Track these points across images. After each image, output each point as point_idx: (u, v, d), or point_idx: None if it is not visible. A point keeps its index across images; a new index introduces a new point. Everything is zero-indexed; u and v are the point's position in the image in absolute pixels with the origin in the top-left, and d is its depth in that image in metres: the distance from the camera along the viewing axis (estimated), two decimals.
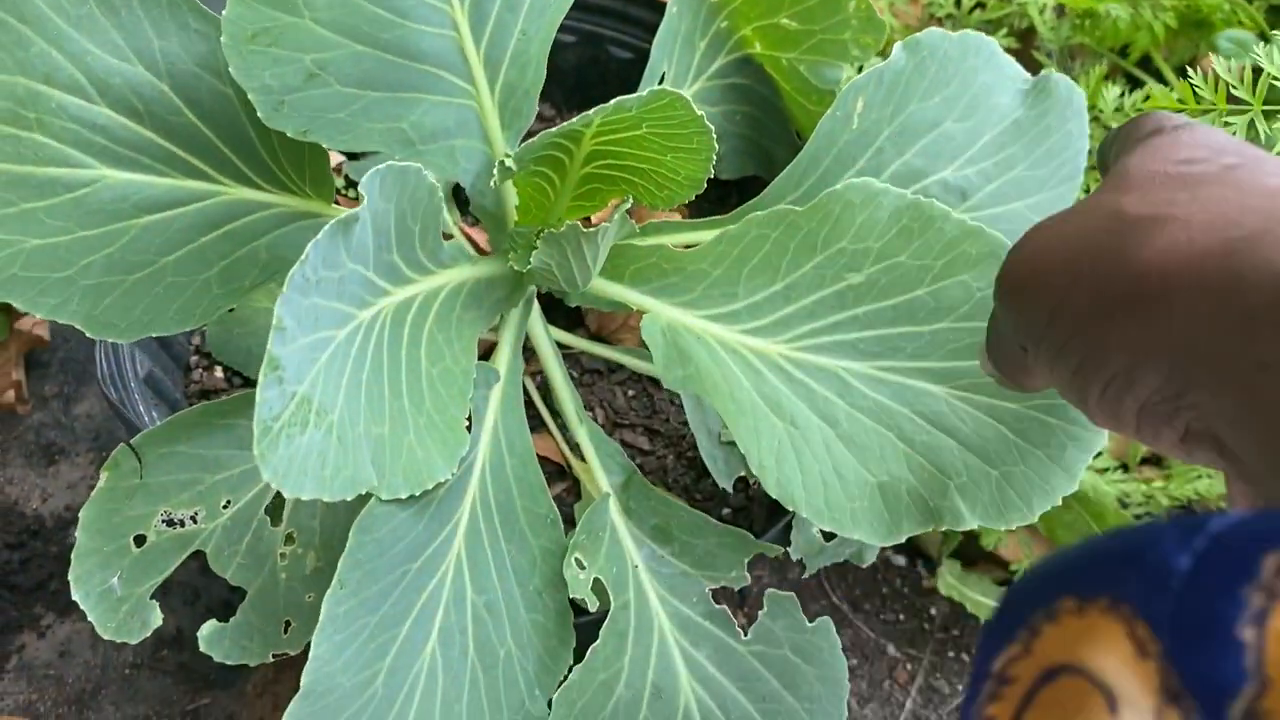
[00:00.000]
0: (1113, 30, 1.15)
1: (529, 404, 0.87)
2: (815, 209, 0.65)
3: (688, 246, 0.71)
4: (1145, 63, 1.22)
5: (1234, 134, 0.80)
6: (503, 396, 0.68)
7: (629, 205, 0.64)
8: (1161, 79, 1.17)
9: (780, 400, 0.64)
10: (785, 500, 0.61)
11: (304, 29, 0.56)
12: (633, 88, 0.86)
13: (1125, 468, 1.06)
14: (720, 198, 0.99)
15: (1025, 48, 1.25)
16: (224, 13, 0.55)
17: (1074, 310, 0.39)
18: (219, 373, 0.90)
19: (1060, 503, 0.97)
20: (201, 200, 0.63)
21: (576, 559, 0.66)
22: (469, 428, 0.62)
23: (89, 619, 0.69)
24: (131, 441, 0.69)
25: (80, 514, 0.69)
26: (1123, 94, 1.03)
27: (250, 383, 0.89)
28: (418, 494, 0.57)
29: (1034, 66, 1.23)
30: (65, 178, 0.60)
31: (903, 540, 0.61)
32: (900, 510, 0.61)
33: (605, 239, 0.62)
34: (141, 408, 0.77)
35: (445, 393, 0.61)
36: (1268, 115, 0.78)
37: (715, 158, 0.62)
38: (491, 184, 0.61)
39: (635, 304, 0.69)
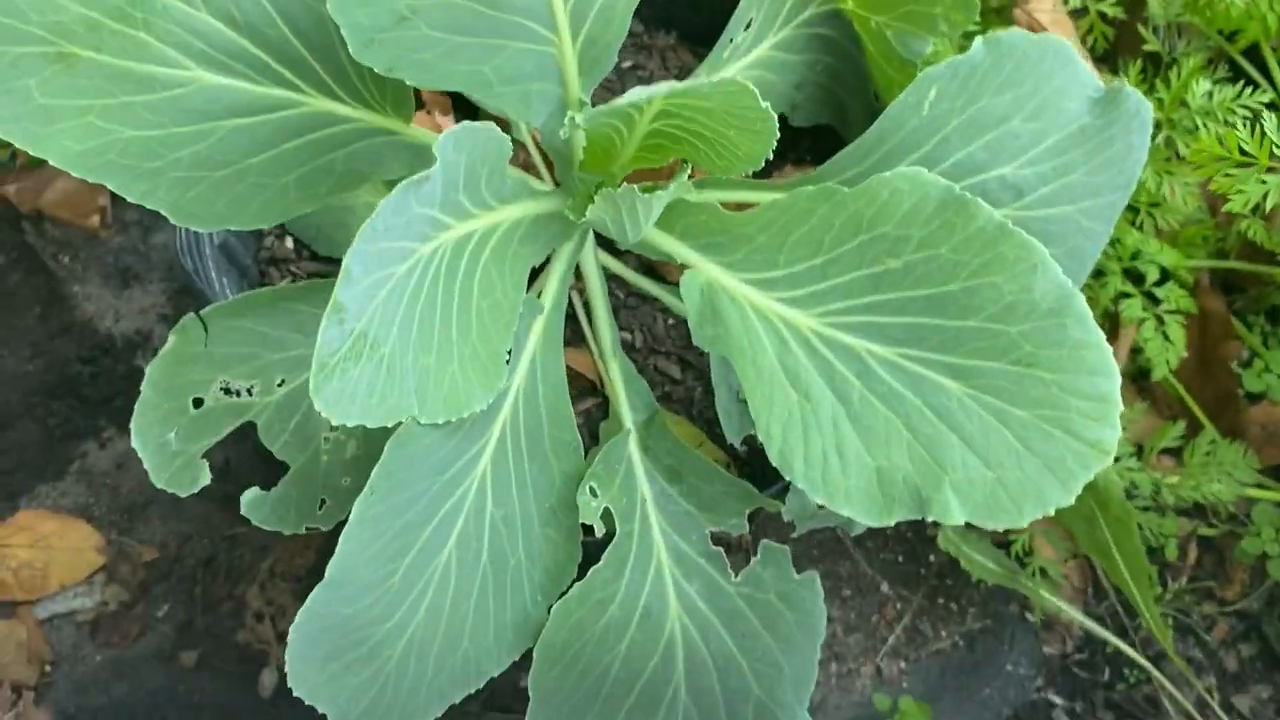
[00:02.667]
0: (1224, 15, 1.12)
1: (575, 320, 0.91)
2: (863, 191, 0.66)
3: (740, 206, 0.74)
4: (1253, 51, 1.18)
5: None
6: (544, 329, 0.73)
7: (689, 171, 0.67)
8: (1266, 71, 1.14)
9: (800, 372, 0.67)
10: (784, 469, 0.65)
11: None
12: (722, 17, 0.88)
13: (1140, 451, 1.08)
14: (793, 139, 1.01)
15: (1132, 18, 1.22)
16: None
17: None
18: (289, 243, 0.95)
19: None
20: (287, 109, 0.67)
21: (591, 487, 0.71)
22: (508, 359, 0.66)
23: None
24: (201, 313, 0.74)
25: (146, 369, 0.75)
26: (1212, 89, 1.01)
27: (316, 256, 0.94)
28: (454, 420, 0.62)
29: (1137, 39, 1.21)
30: (164, 76, 0.64)
31: (890, 524, 0.65)
32: (893, 496, 0.65)
33: (658, 204, 0.65)
34: (214, 274, 0.83)
35: (491, 325, 0.65)
36: None
37: (776, 135, 0.64)
38: (562, 134, 0.63)
39: (680, 257, 0.72)
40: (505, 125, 0.88)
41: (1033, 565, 1.08)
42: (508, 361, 0.66)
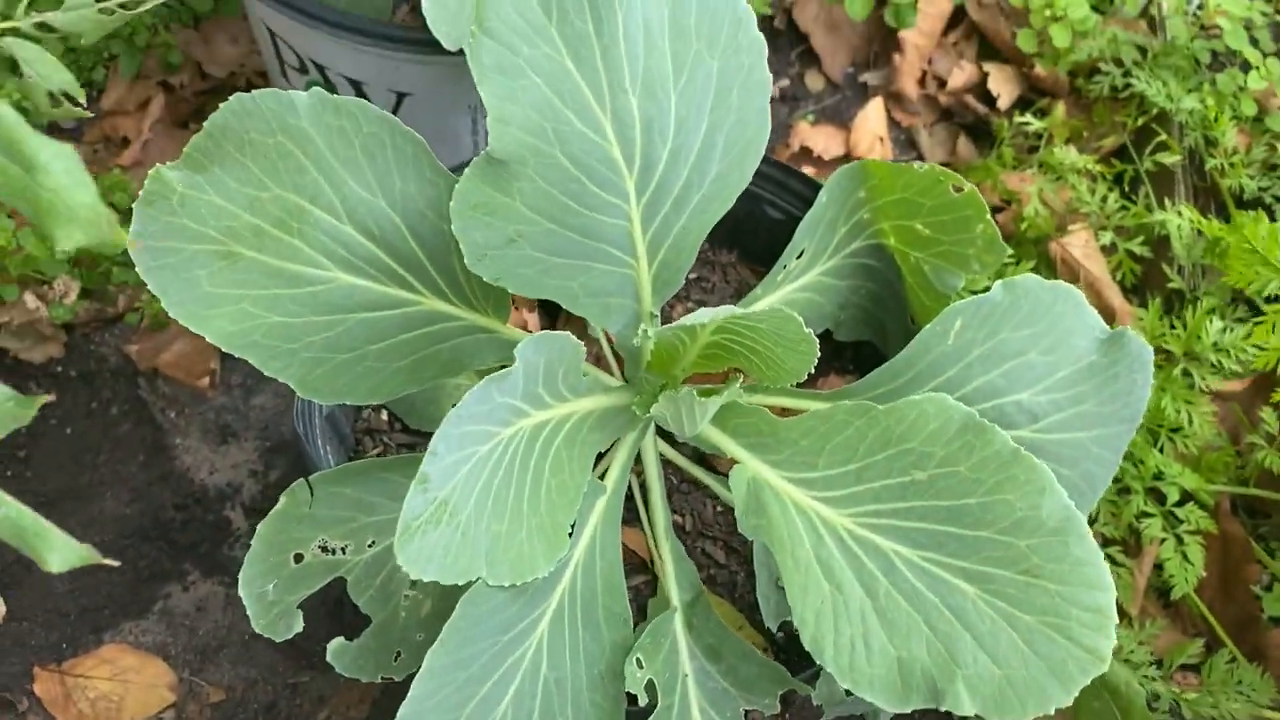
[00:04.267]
0: None
1: (631, 501, 1.00)
2: (894, 409, 0.76)
3: (785, 411, 0.84)
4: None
5: None
6: (605, 509, 0.82)
7: (741, 379, 0.77)
8: None
9: (833, 566, 0.75)
10: (815, 654, 0.72)
11: (512, 208, 0.71)
12: (778, 242, 1.00)
13: (1160, 664, 1.12)
14: (836, 351, 1.12)
15: (1158, 257, 1.34)
16: (456, 185, 0.71)
17: None
18: (384, 415, 1.06)
19: (1090, 686, 1.06)
20: (406, 307, 0.79)
21: (638, 658, 0.79)
22: (571, 533, 0.76)
23: (244, 606, 0.85)
24: (310, 479, 0.85)
25: (258, 527, 0.85)
26: (1225, 329, 1.11)
27: (407, 429, 1.05)
28: (518, 584, 0.71)
29: (1162, 276, 1.32)
30: (309, 275, 0.77)
31: (908, 710, 0.72)
32: (912, 685, 0.72)
33: (712, 406, 0.75)
34: (320, 441, 0.94)
35: (559, 501, 0.75)
36: None
37: (818, 353, 0.75)
38: (635, 341, 0.74)
39: (731, 453, 0.82)
40: (584, 323, 1.00)
41: None
42: (570, 534, 0.75)
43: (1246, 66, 1.43)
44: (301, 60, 1.24)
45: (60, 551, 0.54)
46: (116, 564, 1.13)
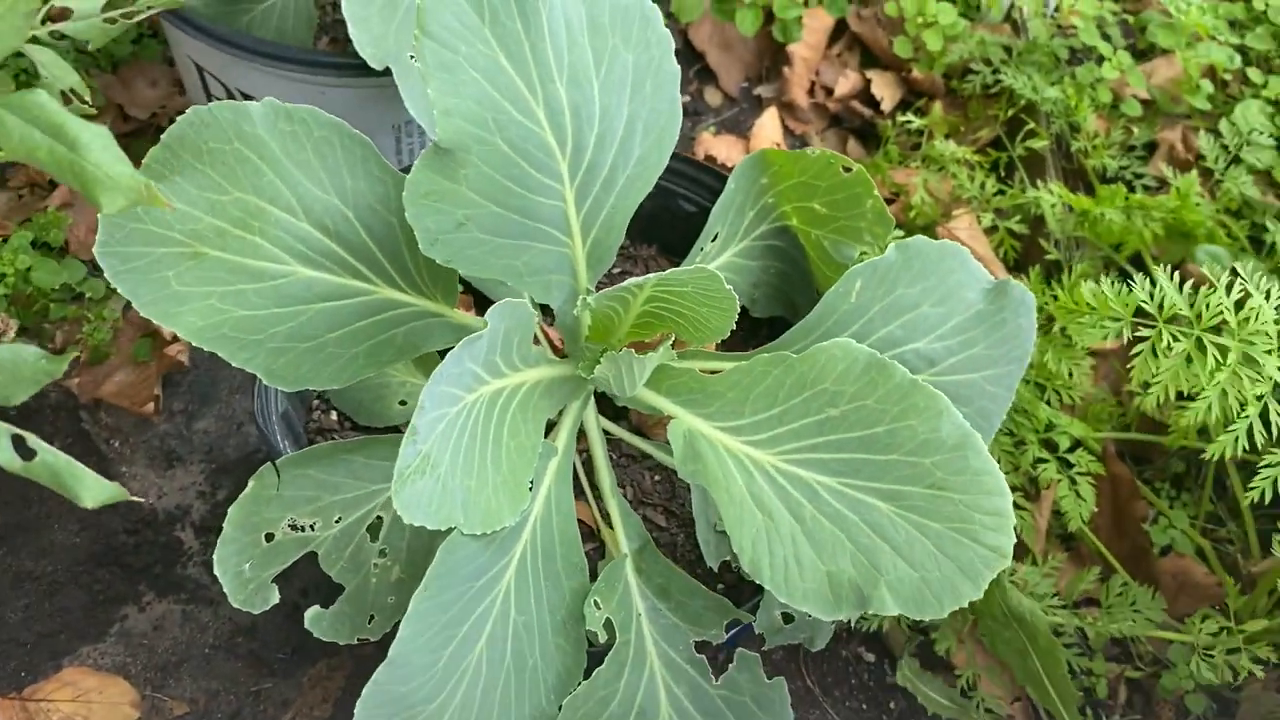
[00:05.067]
0: (1108, 230, 1.36)
1: (575, 476, 1.08)
2: (807, 356, 0.85)
3: (713, 371, 0.93)
4: (1139, 259, 1.43)
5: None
6: (557, 468, 0.90)
7: (672, 340, 0.86)
8: (1150, 275, 1.37)
9: (764, 498, 0.84)
10: (754, 574, 0.81)
11: (459, 193, 0.80)
12: (693, 234, 1.10)
13: (1070, 605, 1.24)
14: (753, 328, 1.21)
15: (1034, 234, 1.47)
16: (409, 176, 0.79)
17: None
18: (333, 415, 1.13)
19: (1001, 618, 1.16)
20: (362, 296, 0.87)
21: (595, 601, 0.87)
22: (530, 488, 0.83)
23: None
24: (276, 462, 0.91)
25: (229, 511, 0.91)
26: (1097, 286, 1.23)
27: (357, 426, 1.12)
28: (488, 532, 0.78)
29: (1040, 250, 1.45)
30: (270, 270, 0.83)
31: (841, 618, 0.81)
32: (841, 595, 0.81)
33: (650, 363, 0.84)
34: (278, 437, 1.00)
35: (518, 460, 0.83)
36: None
37: (739, 311, 0.84)
38: (574, 311, 0.83)
39: (666, 410, 0.91)
40: None
41: (977, 698, 1.21)
42: (530, 489, 0.83)
43: (1101, 59, 1.58)
44: (230, 92, 1.31)
45: (92, 490, 0.60)
46: (142, 500, 1.16)
